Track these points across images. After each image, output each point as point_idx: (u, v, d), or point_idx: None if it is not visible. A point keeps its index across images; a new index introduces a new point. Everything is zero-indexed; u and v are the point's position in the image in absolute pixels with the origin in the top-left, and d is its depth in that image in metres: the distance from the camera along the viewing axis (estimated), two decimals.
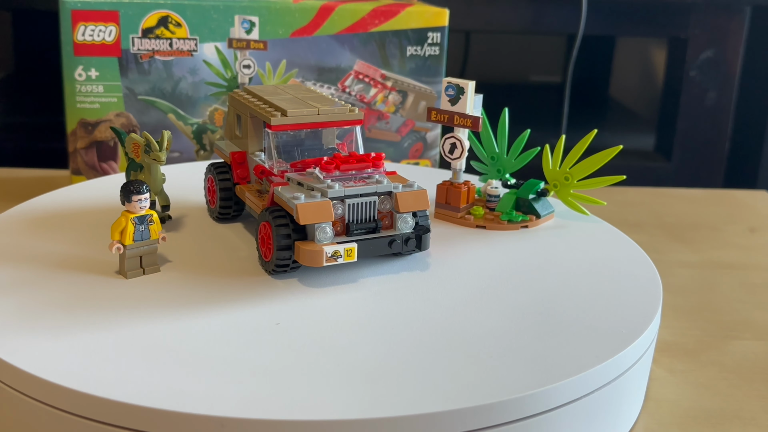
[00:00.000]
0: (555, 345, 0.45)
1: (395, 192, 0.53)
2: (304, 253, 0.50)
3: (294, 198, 0.50)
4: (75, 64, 0.79)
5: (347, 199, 0.51)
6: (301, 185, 0.52)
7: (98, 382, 0.40)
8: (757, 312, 0.67)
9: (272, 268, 0.52)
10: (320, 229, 0.50)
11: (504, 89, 1.61)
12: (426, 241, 0.54)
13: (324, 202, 0.50)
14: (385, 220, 0.53)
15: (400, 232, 0.53)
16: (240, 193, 0.59)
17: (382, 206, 0.53)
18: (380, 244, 0.52)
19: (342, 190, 0.51)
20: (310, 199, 0.50)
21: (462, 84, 0.61)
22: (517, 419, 0.41)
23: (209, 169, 0.62)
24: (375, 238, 0.52)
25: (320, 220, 0.50)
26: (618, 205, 0.93)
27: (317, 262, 0.50)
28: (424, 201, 0.53)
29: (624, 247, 0.61)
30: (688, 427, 0.50)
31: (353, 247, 0.51)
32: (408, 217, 0.53)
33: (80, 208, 0.64)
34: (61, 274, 0.52)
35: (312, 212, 0.49)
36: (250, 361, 0.43)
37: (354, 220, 0.52)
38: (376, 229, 0.52)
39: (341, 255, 0.50)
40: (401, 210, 0.52)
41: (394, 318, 0.48)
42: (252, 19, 0.80)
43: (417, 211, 0.53)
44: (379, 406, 0.39)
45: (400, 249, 0.53)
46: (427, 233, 0.54)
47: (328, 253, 0.50)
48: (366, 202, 0.52)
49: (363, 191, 0.52)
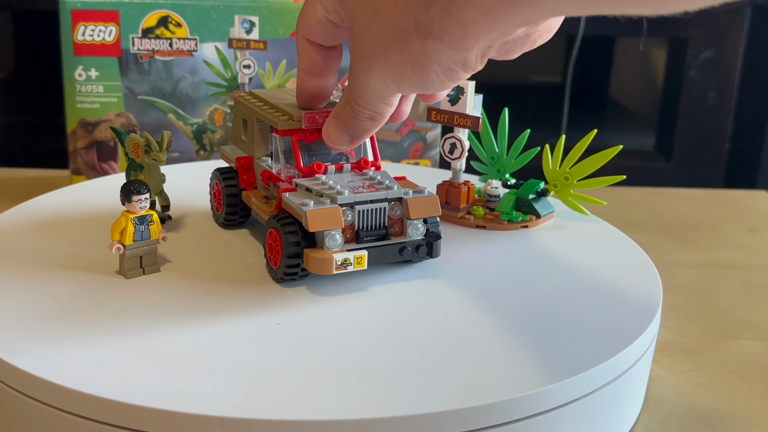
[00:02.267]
0: (555, 345, 0.45)
1: (406, 198, 0.51)
2: (313, 261, 0.49)
3: (303, 204, 0.49)
4: (75, 64, 0.79)
5: (357, 206, 0.50)
6: (310, 191, 0.51)
7: (98, 382, 0.40)
8: (757, 312, 0.67)
9: (281, 277, 0.51)
10: (329, 236, 0.49)
11: (504, 89, 1.61)
12: (437, 249, 0.53)
13: (333, 208, 0.49)
14: (395, 227, 0.52)
15: (410, 239, 0.52)
16: (246, 199, 0.58)
17: (393, 212, 0.52)
18: (390, 252, 0.51)
19: (351, 197, 0.50)
20: (319, 206, 0.49)
21: (462, 84, 0.61)
22: (517, 419, 0.41)
23: (215, 174, 0.61)
24: (385, 245, 0.51)
25: (329, 227, 0.49)
26: (618, 205, 0.93)
27: (326, 270, 0.49)
28: (435, 207, 0.52)
29: (624, 247, 0.61)
30: (688, 427, 0.50)
31: (363, 255, 0.49)
32: (419, 223, 0.52)
33: (80, 208, 0.64)
34: (61, 274, 0.52)
35: (321, 219, 0.48)
36: (250, 361, 0.43)
37: (364, 227, 0.51)
38: (387, 236, 0.51)
39: (351, 263, 0.49)
40: (412, 216, 0.51)
41: (394, 318, 0.48)
42: (252, 19, 0.80)
43: (428, 217, 0.52)
44: (379, 406, 0.39)
45: (410, 256, 0.52)
46: (438, 240, 0.53)
47: (337, 261, 0.49)
48: (376, 208, 0.51)
49: (373, 197, 0.50)
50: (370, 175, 0.53)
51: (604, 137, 1.35)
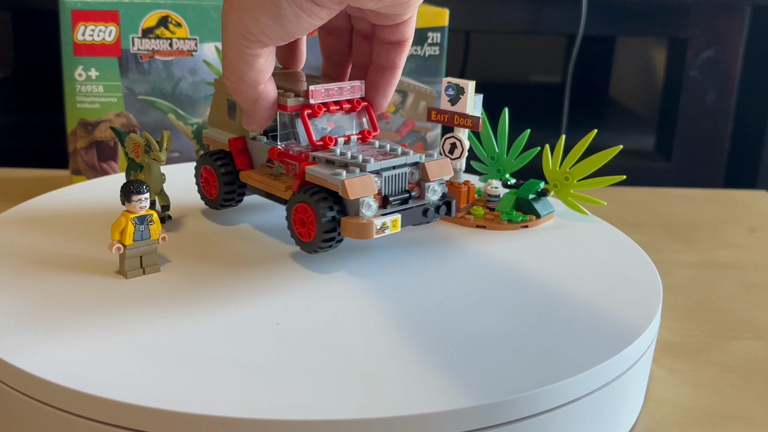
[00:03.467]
0: (555, 345, 0.45)
1: (422, 162, 0.54)
2: (355, 227, 0.51)
3: (335, 174, 0.51)
4: (75, 64, 0.79)
5: (383, 172, 0.52)
6: (332, 163, 0.53)
7: (98, 382, 0.40)
8: (757, 312, 0.67)
9: (317, 247, 0.52)
10: (365, 203, 0.51)
11: (504, 89, 1.61)
12: (454, 207, 0.56)
13: (367, 176, 0.51)
14: (414, 190, 0.54)
15: (430, 201, 0.54)
16: (246, 178, 0.58)
17: (412, 177, 0.54)
18: (415, 214, 0.54)
19: (378, 164, 0.52)
20: (351, 175, 0.51)
21: (462, 84, 0.61)
22: (517, 419, 0.41)
23: (204, 160, 0.61)
24: (410, 208, 0.53)
25: (366, 193, 0.51)
26: (618, 205, 0.93)
27: (368, 235, 0.51)
28: (448, 168, 0.55)
29: (624, 247, 0.61)
30: (688, 427, 0.50)
31: (397, 218, 0.52)
32: (436, 185, 0.54)
33: (80, 208, 0.64)
34: (61, 274, 0.52)
35: (358, 186, 0.50)
36: (250, 361, 0.43)
37: (390, 192, 0.53)
38: (410, 199, 0.54)
39: (388, 226, 0.51)
40: (431, 178, 0.54)
41: (394, 318, 0.48)
42: None
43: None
44: (378, 406, 0.39)
45: (432, 217, 0.54)
46: (454, 199, 0.56)
47: (377, 225, 0.51)
48: (399, 173, 0.53)
49: (395, 163, 0.53)
50: (379, 144, 0.56)
51: (604, 137, 1.35)
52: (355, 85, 0.56)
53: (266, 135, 0.59)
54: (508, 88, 1.63)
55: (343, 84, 0.56)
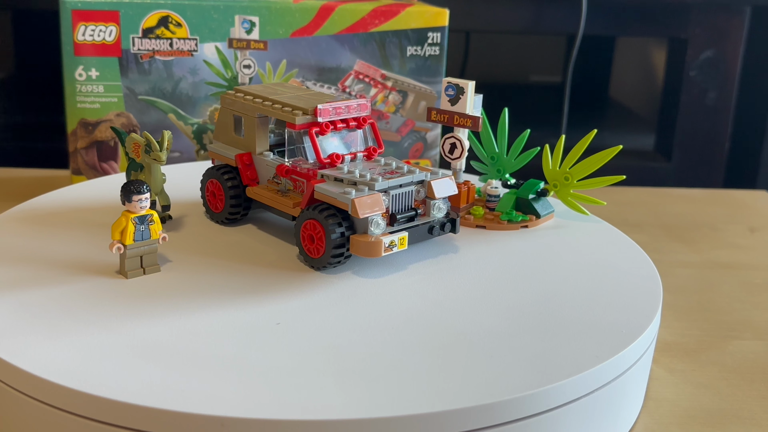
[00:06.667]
0: (555, 345, 0.45)
1: (428, 180, 0.55)
2: (364, 246, 0.51)
3: (345, 193, 0.51)
4: (75, 64, 0.79)
5: (391, 191, 0.53)
6: (340, 181, 0.53)
7: (98, 382, 0.40)
8: (757, 312, 0.67)
9: (326, 263, 0.53)
10: (373, 221, 0.51)
11: (504, 89, 1.61)
12: (458, 225, 0.57)
13: (376, 194, 0.52)
14: (420, 208, 0.55)
15: (435, 218, 0.55)
16: (253, 194, 0.59)
17: (418, 195, 0.55)
18: (421, 231, 0.54)
19: (386, 182, 0.53)
20: (360, 193, 0.51)
21: (462, 84, 0.61)
22: (517, 419, 0.41)
23: (211, 173, 0.62)
24: (416, 225, 0.54)
25: (375, 212, 0.51)
26: (618, 205, 0.93)
27: (377, 253, 0.51)
28: (452, 187, 0.56)
29: (624, 247, 0.61)
30: (688, 427, 0.50)
31: (405, 236, 0.53)
32: (440, 203, 0.55)
33: (80, 208, 0.64)
34: (61, 274, 0.52)
35: (367, 205, 0.51)
36: (250, 361, 0.43)
37: (397, 210, 0.54)
38: (416, 217, 0.54)
39: (396, 244, 0.52)
40: (436, 197, 0.55)
41: (394, 318, 0.48)
42: (252, 19, 0.80)
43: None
44: (378, 406, 0.39)
45: (437, 234, 0.55)
46: (458, 217, 0.57)
47: (385, 243, 0.51)
48: (406, 191, 0.54)
49: (402, 182, 0.54)
50: (384, 162, 0.56)
51: (604, 137, 1.35)
52: (362, 102, 0.57)
53: (272, 151, 0.59)
54: (508, 88, 1.62)
55: (350, 102, 0.56)
